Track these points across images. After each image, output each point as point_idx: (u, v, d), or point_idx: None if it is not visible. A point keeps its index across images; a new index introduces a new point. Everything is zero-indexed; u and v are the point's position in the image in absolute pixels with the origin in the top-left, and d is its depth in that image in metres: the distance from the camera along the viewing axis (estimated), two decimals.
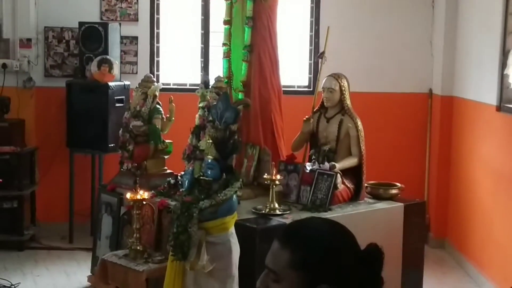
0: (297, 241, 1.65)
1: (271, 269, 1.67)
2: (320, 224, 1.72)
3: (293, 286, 1.63)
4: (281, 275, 1.64)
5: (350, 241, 1.70)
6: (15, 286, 5.21)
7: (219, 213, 3.96)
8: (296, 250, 1.63)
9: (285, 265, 1.63)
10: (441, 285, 5.48)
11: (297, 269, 1.62)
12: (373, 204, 4.87)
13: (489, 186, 5.46)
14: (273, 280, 1.66)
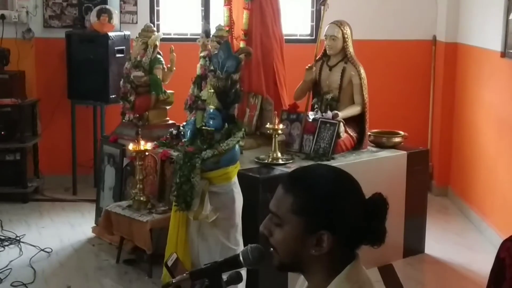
0: (300, 186, 1.65)
1: (274, 213, 1.67)
2: (325, 171, 1.70)
3: (294, 231, 1.63)
4: (283, 219, 1.64)
5: (355, 189, 1.68)
6: (20, 237, 5.24)
7: (222, 163, 3.95)
8: (299, 196, 1.63)
9: (288, 210, 1.63)
10: (444, 232, 5.50)
11: (299, 214, 1.62)
12: (376, 153, 4.86)
13: (492, 133, 5.43)
14: (276, 224, 1.66)
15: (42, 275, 4.61)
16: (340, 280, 1.63)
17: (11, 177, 6.14)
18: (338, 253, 1.64)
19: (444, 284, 4.67)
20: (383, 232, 1.66)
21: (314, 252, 1.62)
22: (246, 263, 1.78)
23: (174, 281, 1.80)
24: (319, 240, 1.61)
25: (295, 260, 1.66)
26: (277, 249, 1.67)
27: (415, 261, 4.93)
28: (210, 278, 1.80)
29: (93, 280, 4.56)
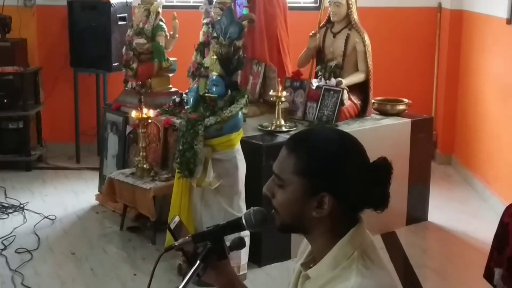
0: (303, 147, 1.63)
1: (277, 175, 1.65)
2: (329, 133, 1.69)
3: (296, 192, 1.62)
4: (285, 180, 1.63)
5: (359, 152, 1.66)
6: (24, 205, 5.26)
7: (225, 130, 3.93)
8: (302, 157, 1.61)
9: (290, 171, 1.62)
10: (448, 200, 5.50)
11: (301, 175, 1.60)
12: (380, 120, 4.84)
13: (497, 101, 5.40)
14: (278, 186, 1.65)
15: (46, 242, 4.63)
16: (343, 244, 1.62)
17: (14, 145, 6.14)
18: (340, 216, 1.63)
19: (446, 251, 4.68)
20: (386, 196, 1.64)
21: (315, 214, 1.61)
22: (248, 226, 1.78)
23: (177, 244, 1.79)
24: (320, 202, 1.60)
25: (296, 222, 1.65)
26: (279, 210, 1.67)
27: (418, 228, 4.94)
28: (212, 241, 1.79)
29: (97, 247, 4.58)
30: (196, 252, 1.81)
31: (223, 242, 1.80)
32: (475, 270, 3.72)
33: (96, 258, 4.40)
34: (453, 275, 4.25)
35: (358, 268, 1.57)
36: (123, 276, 4.15)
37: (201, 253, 1.78)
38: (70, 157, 6.49)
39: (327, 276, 1.60)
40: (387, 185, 1.64)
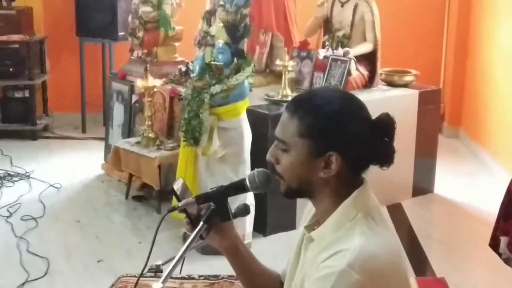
0: (305, 108, 1.61)
1: (280, 139, 1.63)
2: (330, 93, 1.67)
3: (301, 155, 1.59)
4: (289, 144, 1.60)
5: (361, 108, 1.64)
6: (30, 173, 5.26)
7: (231, 98, 3.90)
8: (304, 118, 1.59)
9: (293, 134, 1.59)
10: (454, 173, 5.47)
11: (305, 137, 1.58)
12: (387, 91, 4.80)
13: (506, 74, 5.34)
14: (282, 150, 1.63)
15: (51, 209, 4.64)
16: (347, 205, 1.60)
17: (20, 114, 6.14)
18: (346, 177, 1.61)
19: (452, 223, 4.66)
20: (391, 151, 1.62)
21: (323, 175, 1.59)
22: (252, 187, 1.76)
23: (180, 205, 1.78)
24: (327, 162, 1.58)
25: (302, 186, 1.63)
26: (284, 176, 1.64)
27: (424, 200, 4.92)
28: (216, 202, 1.78)
29: (102, 215, 4.59)
30: (199, 214, 1.80)
31: (227, 203, 1.79)
32: (481, 242, 3.70)
33: (101, 226, 4.41)
34: (458, 246, 4.24)
35: (361, 229, 1.56)
36: (128, 244, 4.15)
37: (205, 214, 1.77)
38: (76, 127, 6.49)
39: (330, 237, 1.58)
40: (391, 139, 1.62)
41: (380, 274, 1.51)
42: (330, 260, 1.52)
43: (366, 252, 1.51)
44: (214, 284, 2.70)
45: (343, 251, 1.51)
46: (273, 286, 1.86)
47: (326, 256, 1.54)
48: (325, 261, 1.53)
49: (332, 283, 1.49)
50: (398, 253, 1.61)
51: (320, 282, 1.51)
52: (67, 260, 3.94)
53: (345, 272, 1.48)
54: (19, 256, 3.95)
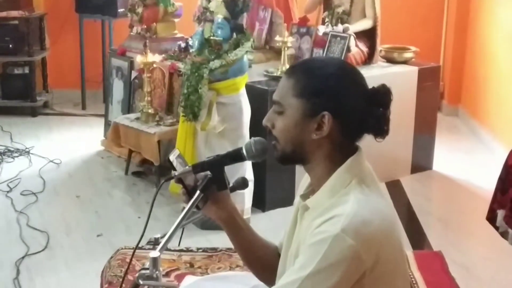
0: (302, 70, 1.64)
1: (276, 101, 1.66)
2: (328, 59, 1.69)
3: (295, 116, 1.62)
4: (285, 105, 1.63)
5: (358, 77, 1.67)
6: (30, 149, 5.27)
7: (230, 74, 3.90)
8: (301, 78, 1.62)
9: (289, 94, 1.62)
10: (453, 151, 5.48)
11: (300, 96, 1.61)
12: (386, 68, 4.79)
13: (506, 52, 5.33)
14: (278, 113, 1.65)
15: (51, 185, 4.65)
16: (341, 172, 1.62)
17: (20, 91, 6.15)
18: (339, 141, 1.62)
19: (451, 199, 4.68)
20: (386, 121, 1.64)
21: (315, 137, 1.60)
22: (248, 156, 1.77)
23: (177, 174, 1.79)
24: (320, 123, 1.59)
25: (296, 149, 1.65)
26: (279, 139, 1.66)
27: (423, 177, 4.93)
28: (212, 171, 1.79)
29: (102, 191, 4.60)
30: (196, 185, 1.81)
31: (223, 173, 1.80)
32: (479, 217, 3.72)
33: (100, 202, 4.43)
34: (456, 223, 4.25)
35: (355, 195, 1.57)
36: (127, 219, 4.17)
37: (201, 183, 1.78)
38: (76, 104, 6.50)
39: (325, 204, 1.60)
40: (386, 108, 1.63)
41: (373, 239, 1.53)
42: (324, 226, 1.54)
43: (359, 218, 1.52)
44: (212, 257, 2.72)
45: (337, 216, 1.53)
46: (270, 257, 1.88)
47: (321, 222, 1.55)
48: (319, 226, 1.55)
49: (326, 248, 1.50)
50: (391, 219, 1.62)
51: (314, 247, 1.53)
52: (67, 235, 3.96)
53: (339, 237, 1.50)
54: (19, 230, 3.97)
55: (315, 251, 1.53)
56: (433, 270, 2.52)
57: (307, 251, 1.55)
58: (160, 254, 1.74)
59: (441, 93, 6.48)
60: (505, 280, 3.49)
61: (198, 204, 1.80)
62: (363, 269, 1.53)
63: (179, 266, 2.62)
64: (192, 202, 1.77)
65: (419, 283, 2.43)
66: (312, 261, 1.52)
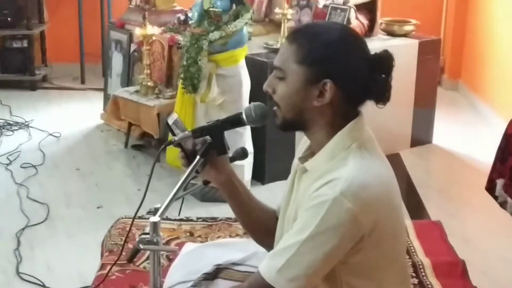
0: (304, 36, 1.63)
1: (277, 67, 1.65)
2: (331, 24, 1.68)
3: (297, 82, 1.61)
4: (286, 71, 1.62)
5: (360, 43, 1.66)
6: (29, 122, 5.27)
7: (229, 45, 3.89)
8: (302, 45, 1.60)
9: (291, 60, 1.61)
10: (453, 124, 5.48)
11: (302, 63, 1.59)
12: (386, 41, 4.77)
13: (506, 26, 5.30)
14: (279, 79, 1.64)
15: (51, 158, 4.66)
16: (341, 135, 1.62)
17: (18, 65, 6.12)
18: (341, 108, 1.62)
19: (450, 172, 4.69)
20: (388, 87, 1.63)
21: (317, 104, 1.60)
22: (248, 120, 1.77)
23: (177, 139, 1.79)
24: (321, 90, 1.59)
25: (297, 116, 1.64)
26: (280, 105, 1.66)
27: (422, 150, 4.94)
28: (212, 136, 1.79)
29: (101, 163, 4.61)
30: (194, 149, 1.81)
31: (223, 137, 1.80)
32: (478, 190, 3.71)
33: (100, 174, 4.43)
34: (455, 195, 4.27)
35: (355, 159, 1.57)
36: (127, 191, 4.18)
37: (201, 148, 1.78)
38: (75, 78, 6.48)
39: (324, 167, 1.60)
40: (388, 74, 1.62)
41: (372, 203, 1.53)
42: (323, 189, 1.54)
43: (358, 181, 1.52)
44: (212, 226, 2.73)
45: (336, 179, 1.53)
46: (269, 221, 1.88)
47: (319, 185, 1.55)
48: (318, 189, 1.55)
49: (325, 211, 1.51)
50: (390, 184, 1.63)
51: (313, 210, 1.53)
52: (67, 207, 3.97)
53: (338, 200, 1.50)
54: (19, 202, 3.99)
55: (313, 214, 1.53)
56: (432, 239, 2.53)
57: (306, 214, 1.56)
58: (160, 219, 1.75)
59: (441, 67, 6.46)
60: (504, 251, 3.50)
61: (198, 169, 1.80)
62: (361, 233, 1.54)
63: (179, 235, 2.63)
64: (192, 167, 1.78)
65: (418, 251, 2.44)
66: (311, 224, 1.53)
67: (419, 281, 2.25)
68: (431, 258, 2.36)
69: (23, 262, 3.34)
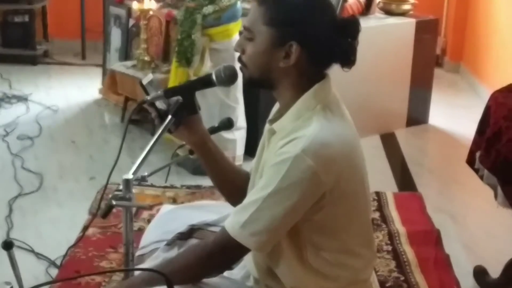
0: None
1: (246, 27, 1.68)
2: None
3: (264, 43, 1.64)
4: (254, 32, 1.64)
5: (328, 7, 1.68)
6: (28, 96, 5.31)
7: (223, 20, 3.91)
8: (270, 7, 1.63)
9: (259, 22, 1.64)
10: (451, 106, 5.48)
11: (269, 25, 1.62)
12: (384, 19, 4.77)
13: (506, 11, 5.29)
14: (248, 39, 1.66)
15: (47, 130, 4.70)
16: (307, 97, 1.64)
17: (20, 39, 6.16)
18: (306, 70, 1.65)
19: (443, 151, 4.70)
20: (353, 51, 1.66)
21: (282, 65, 1.63)
22: (218, 81, 1.80)
23: (149, 98, 1.82)
24: (287, 52, 1.61)
25: (264, 75, 1.68)
26: (248, 64, 1.69)
27: (418, 130, 4.94)
28: (183, 96, 1.82)
29: (97, 136, 4.65)
30: (168, 109, 1.84)
31: (194, 97, 1.83)
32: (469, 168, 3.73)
33: (95, 147, 4.47)
34: (446, 172, 4.28)
35: (318, 119, 1.60)
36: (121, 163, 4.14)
37: (172, 107, 1.81)
38: (76, 54, 6.51)
39: (289, 127, 1.63)
40: (354, 38, 1.64)
41: (333, 161, 1.56)
42: (286, 147, 1.57)
43: (320, 139, 1.55)
44: (195, 193, 2.77)
45: (299, 138, 1.56)
46: (242, 182, 1.92)
47: (283, 143, 1.59)
48: (282, 147, 1.58)
49: (287, 168, 1.54)
50: (353, 144, 1.65)
51: (276, 167, 1.56)
52: (60, 177, 4.01)
53: (299, 157, 1.53)
54: (14, 171, 4.03)
55: (276, 171, 1.56)
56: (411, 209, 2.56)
57: (269, 171, 1.59)
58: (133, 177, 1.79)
59: (443, 49, 6.47)
60: (490, 227, 3.52)
61: (170, 128, 1.84)
62: (323, 189, 1.57)
63: (163, 201, 2.67)
64: (164, 126, 1.82)
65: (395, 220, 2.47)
66: (273, 181, 1.56)
67: (393, 248, 2.28)
68: (407, 227, 2.40)
69: (14, 228, 3.38)
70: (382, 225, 2.39)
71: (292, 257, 1.68)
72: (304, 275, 1.69)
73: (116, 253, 2.38)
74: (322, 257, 1.69)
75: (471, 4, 6.18)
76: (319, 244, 1.67)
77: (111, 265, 2.29)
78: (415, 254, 2.21)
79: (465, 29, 6.28)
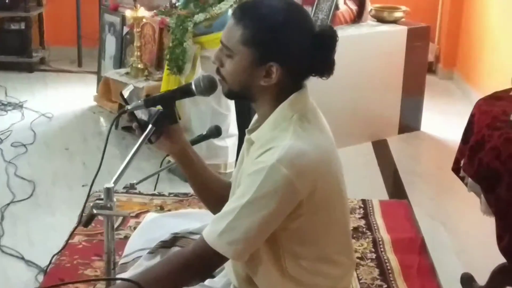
0: (249, 17, 1.65)
1: (225, 45, 1.68)
2: (275, 1, 1.69)
3: (244, 62, 1.65)
4: (233, 50, 1.66)
5: (305, 21, 1.69)
6: (23, 103, 5.34)
7: (214, 27, 3.94)
8: (249, 26, 1.63)
9: (237, 41, 1.64)
10: (444, 113, 5.49)
11: (248, 45, 1.63)
12: (375, 27, 4.79)
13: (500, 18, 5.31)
14: (227, 56, 1.68)
15: (42, 137, 4.73)
16: (284, 107, 1.67)
17: (16, 47, 6.19)
18: (286, 85, 1.67)
19: (435, 158, 4.72)
20: (331, 62, 1.68)
21: (263, 83, 1.65)
22: (197, 91, 1.82)
23: (129, 108, 1.84)
24: (268, 71, 1.64)
25: (244, 90, 1.70)
26: (227, 79, 1.71)
27: (410, 137, 4.96)
28: (164, 105, 1.84)
29: (91, 144, 4.68)
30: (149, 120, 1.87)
31: (174, 107, 1.85)
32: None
33: (89, 154, 4.50)
34: (439, 181, 4.29)
35: (294, 129, 1.62)
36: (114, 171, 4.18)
37: (152, 117, 1.84)
38: (72, 61, 6.54)
39: (266, 136, 1.65)
40: (331, 50, 1.66)
41: (308, 170, 1.58)
42: (263, 156, 1.59)
43: (295, 149, 1.57)
44: (183, 201, 2.79)
45: (275, 148, 1.58)
46: (223, 192, 1.93)
47: (260, 152, 1.61)
48: (258, 157, 1.61)
49: (262, 177, 1.56)
50: (329, 153, 1.67)
51: (252, 176, 1.58)
52: (53, 184, 4.04)
53: (274, 167, 1.55)
54: (7, 179, 4.05)
55: (252, 181, 1.58)
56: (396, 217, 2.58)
57: (246, 180, 1.61)
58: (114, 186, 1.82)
59: (436, 56, 6.49)
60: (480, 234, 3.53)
61: (151, 138, 1.86)
62: (299, 198, 1.59)
63: (150, 209, 2.69)
64: (144, 135, 1.84)
65: (380, 228, 2.48)
66: (250, 190, 1.58)
67: (377, 256, 2.30)
68: (392, 234, 2.41)
69: (5, 236, 3.40)
70: (367, 232, 2.42)
71: (270, 266, 1.70)
72: (283, 284, 1.71)
73: (101, 261, 2.39)
74: (300, 265, 1.71)
75: (465, 11, 6.21)
76: (297, 253, 1.69)
77: (96, 273, 2.31)
78: (398, 262, 2.23)
79: (459, 36, 6.31)
